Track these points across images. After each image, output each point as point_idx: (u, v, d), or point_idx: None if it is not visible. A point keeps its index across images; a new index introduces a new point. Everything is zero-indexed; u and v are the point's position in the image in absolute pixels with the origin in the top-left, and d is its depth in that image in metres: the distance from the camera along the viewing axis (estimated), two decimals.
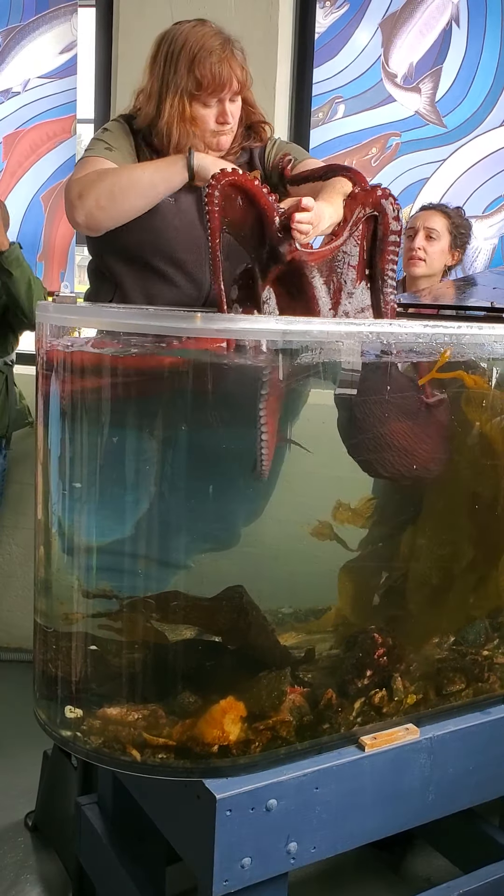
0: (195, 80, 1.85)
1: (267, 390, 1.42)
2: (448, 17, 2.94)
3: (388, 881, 2.15)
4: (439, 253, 2.67)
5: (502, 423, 1.69)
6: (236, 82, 1.88)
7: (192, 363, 1.37)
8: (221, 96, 1.88)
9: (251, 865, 1.37)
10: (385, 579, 1.78)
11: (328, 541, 1.69)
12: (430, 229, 2.65)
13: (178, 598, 1.51)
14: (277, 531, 1.62)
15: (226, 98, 1.89)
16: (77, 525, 1.51)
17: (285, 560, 1.62)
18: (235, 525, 1.63)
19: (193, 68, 1.85)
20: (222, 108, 1.89)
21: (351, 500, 1.72)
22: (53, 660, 1.50)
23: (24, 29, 3.20)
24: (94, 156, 1.91)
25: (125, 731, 1.40)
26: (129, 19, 2.94)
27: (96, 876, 1.84)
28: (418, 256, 2.64)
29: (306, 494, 1.60)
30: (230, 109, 1.91)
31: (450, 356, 1.51)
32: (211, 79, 1.84)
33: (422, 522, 1.73)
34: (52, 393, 1.47)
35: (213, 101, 1.89)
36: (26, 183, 3.25)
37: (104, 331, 1.43)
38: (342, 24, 3.00)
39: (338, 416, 1.58)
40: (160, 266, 1.92)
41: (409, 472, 1.60)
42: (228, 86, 1.87)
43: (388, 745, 1.51)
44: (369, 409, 1.55)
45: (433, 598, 1.73)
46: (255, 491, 1.60)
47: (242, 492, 1.59)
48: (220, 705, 1.40)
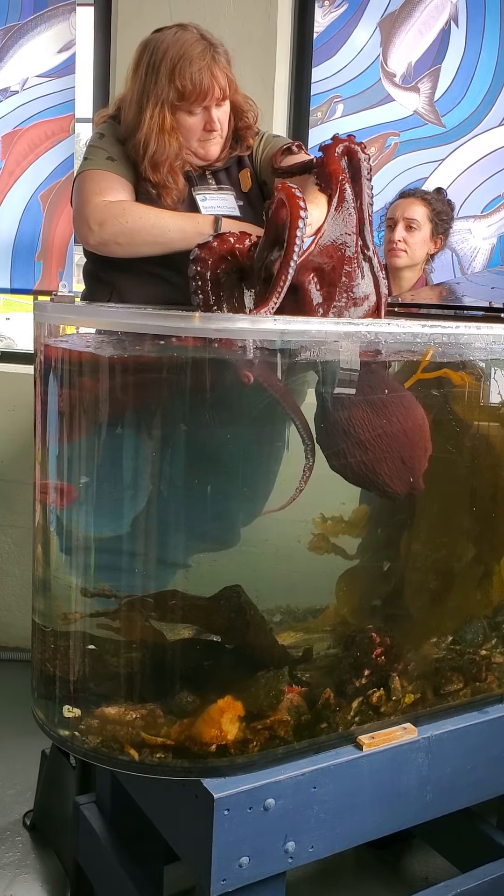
0: (176, 91, 1.84)
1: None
2: (447, 16, 2.94)
3: (386, 880, 2.15)
4: (421, 243, 2.63)
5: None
6: (218, 89, 1.86)
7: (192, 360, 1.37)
8: (206, 104, 1.87)
9: (249, 865, 1.37)
10: (382, 581, 1.78)
11: (327, 554, 1.69)
12: (410, 220, 2.61)
13: (176, 597, 1.51)
14: (276, 530, 1.62)
15: (211, 105, 1.87)
16: (77, 523, 1.51)
17: (283, 559, 1.62)
18: (236, 524, 1.63)
19: (174, 78, 1.83)
20: (209, 116, 1.88)
21: (347, 497, 1.72)
22: (52, 659, 1.50)
23: (22, 28, 3.19)
24: (97, 169, 1.90)
25: (123, 731, 1.41)
26: (128, 18, 2.94)
27: (94, 875, 1.84)
28: (399, 248, 2.61)
29: (304, 493, 1.60)
30: (217, 116, 1.89)
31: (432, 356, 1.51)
32: (192, 88, 1.83)
33: (415, 523, 1.73)
34: (49, 392, 1.47)
35: (198, 109, 1.87)
36: (25, 182, 3.24)
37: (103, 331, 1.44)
38: (341, 24, 3.00)
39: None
40: (155, 268, 1.92)
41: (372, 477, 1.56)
42: (211, 93, 1.85)
43: (386, 744, 1.51)
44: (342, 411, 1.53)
45: (429, 599, 1.74)
46: (254, 490, 1.60)
47: (244, 491, 1.59)
48: (218, 705, 1.40)
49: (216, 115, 1.89)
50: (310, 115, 3.04)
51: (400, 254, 2.62)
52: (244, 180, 2.01)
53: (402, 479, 1.53)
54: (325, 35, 3.01)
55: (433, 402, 1.62)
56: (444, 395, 1.64)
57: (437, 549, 1.74)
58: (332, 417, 1.50)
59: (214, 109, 1.89)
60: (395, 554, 1.77)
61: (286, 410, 1.48)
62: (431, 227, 2.64)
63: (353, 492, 1.72)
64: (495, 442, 1.74)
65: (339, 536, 1.72)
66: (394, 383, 1.56)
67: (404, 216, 2.62)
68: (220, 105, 1.90)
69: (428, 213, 2.63)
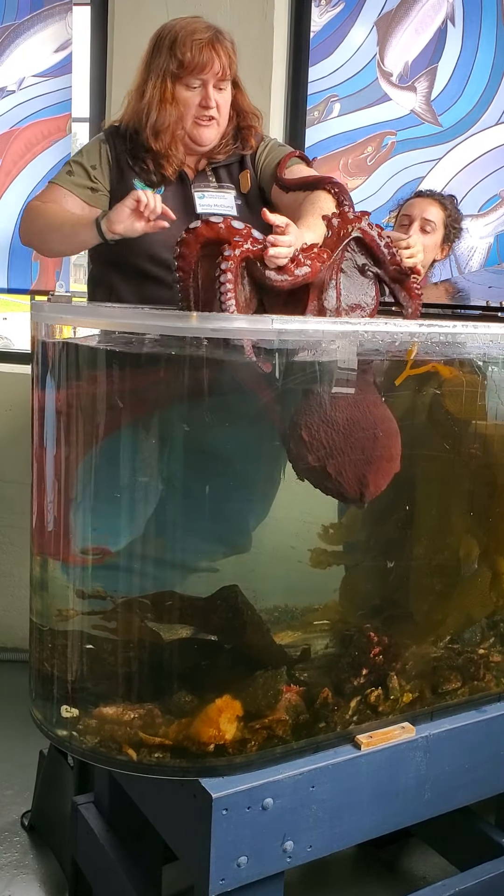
0: (177, 61, 1.88)
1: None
2: (443, 15, 2.94)
3: (384, 879, 2.15)
4: (432, 246, 2.57)
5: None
6: (219, 66, 1.89)
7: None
8: (203, 78, 1.89)
9: (247, 864, 1.37)
10: (379, 580, 1.78)
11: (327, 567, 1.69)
12: (427, 221, 2.54)
13: (172, 598, 1.51)
14: (276, 529, 1.62)
15: (209, 81, 1.89)
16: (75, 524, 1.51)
17: (282, 558, 1.62)
18: (248, 528, 1.64)
19: (175, 49, 1.88)
20: (206, 93, 1.90)
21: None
22: (49, 659, 1.50)
23: (18, 27, 3.19)
24: (55, 182, 1.99)
25: (121, 731, 1.40)
26: (125, 18, 2.94)
27: (93, 875, 1.83)
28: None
29: (303, 491, 1.60)
30: (215, 97, 1.91)
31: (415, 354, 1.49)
32: (191, 58, 1.86)
33: (408, 522, 1.72)
34: (48, 393, 1.47)
35: (195, 82, 1.90)
36: (21, 182, 3.24)
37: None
38: (337, 23, 3.00)
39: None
40: (150, 269, 1.92)
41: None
42: (210, 66, 1.88)
43: (384, 743, 1.51)
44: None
45: (426, 597, 1.74)
46: (265, 493, 1.60)
47: (253, 493, 1.59)
48: (216, 704, 1.40)
49: (214, 96, 1.91)
50: (306, 114, 3.04)
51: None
52: (244, 181, 2.02)
53: (355, 482, 1.51)
54: (322, 34, 3.01)
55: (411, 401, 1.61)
56: (428, 395, 1.64)
57: (425, 545, 1.74)
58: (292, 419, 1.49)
59: (213, 90, 1.91)
60: (388, 552, 1.76)
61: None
62: (444, 232, 2.58)
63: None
64: (490, 439, 1.74)
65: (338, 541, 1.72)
66: (362, 385, 1.53)
67: (422, 216, 2.54)
68: (219, 88, 1.92)
69: (444, 217, 2.57)
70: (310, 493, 1.55)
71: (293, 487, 1.53)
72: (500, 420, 1.72)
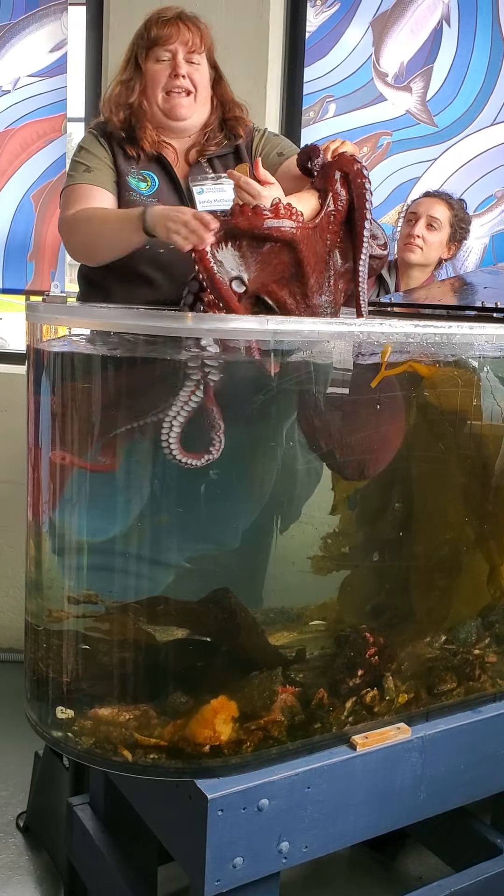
0: (147, 37, 1.94)
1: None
2: (439, 16, 2.94)
3: (380, 880, 2.15)
4: (437, 244, 2.62)
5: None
6: (187, 35, 1.92)
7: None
8: (171, 48, 1.92)
9: (243, 865, 1.37)
10: (376, 580, 1.78)
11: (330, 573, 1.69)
12: (433, 218, 2.59)
13: (165, 603, 1.51)
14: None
15: (178, 51, 1.92)
16: (71, 525, 1.51)
17: (279, 558, 1.62)
18: (238, 525, 1.63)
19: (149, 27, 1.95)
20: (175, 62, 1.93)
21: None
22: (44, 660, 1.50)
23: (14, 27, 3.18)
24: (75, 184, 1.95)
25: (116, 732, 1.40)
26: (120, 17, 2.94)
27: (88, 877, 1.83)
28: (416, 244, 2.59)
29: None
30: (186, 69, 1.94)
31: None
32: (157, 31, 1.92)
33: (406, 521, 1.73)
34: (42, 392, 1.47)
35: (165, 55, 1.93)
36: (17, 182, 3.23)
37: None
38: (333, 23, 3.00)
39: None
40: (145, 270, 1.92)
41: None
42: (176, 37, 1.92)
43: (380, 744, 1.51)
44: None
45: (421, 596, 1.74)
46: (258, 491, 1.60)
47: (249, 492, 1.59)
48: (211, 705, 1.40)
49: (183, 65, 1.94)
50: (302, 114, 3.04)
51: (415, 249, 2.60)
52: (242, 173, 2.02)
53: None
54: (318, 35, 3.01)
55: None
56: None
57: (420, 545, 1.74)
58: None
59: (182, 60, 1.93)
60: (383, 552, 1.76)
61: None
62: (450, 231, 2.63)
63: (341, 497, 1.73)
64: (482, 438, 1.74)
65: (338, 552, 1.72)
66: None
67: (428, 213, 2.60)
68: (190, 61, 1.95)
69: (450, 216, 2.62)
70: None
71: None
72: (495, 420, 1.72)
